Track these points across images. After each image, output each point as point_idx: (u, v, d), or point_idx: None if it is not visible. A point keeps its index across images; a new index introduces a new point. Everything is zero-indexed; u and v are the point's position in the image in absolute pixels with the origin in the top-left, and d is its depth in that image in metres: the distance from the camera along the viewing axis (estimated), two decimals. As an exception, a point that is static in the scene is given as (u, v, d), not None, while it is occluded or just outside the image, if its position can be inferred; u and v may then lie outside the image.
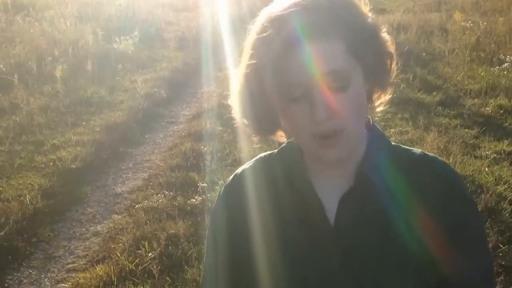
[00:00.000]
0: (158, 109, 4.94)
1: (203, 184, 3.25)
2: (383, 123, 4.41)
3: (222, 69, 5.87)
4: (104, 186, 3.48)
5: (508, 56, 5.91)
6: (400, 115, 4.72)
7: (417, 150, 0.81)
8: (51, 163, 3.58)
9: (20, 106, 4.58)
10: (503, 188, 3.26)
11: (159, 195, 3.14)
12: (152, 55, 6.54)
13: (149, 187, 3.36)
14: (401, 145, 0.82)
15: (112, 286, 2.36)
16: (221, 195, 0.84)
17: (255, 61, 0.69)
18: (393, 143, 0.81)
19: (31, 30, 6.81)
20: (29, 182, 3.31)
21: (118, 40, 6.31)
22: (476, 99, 5.14)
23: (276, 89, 0.68)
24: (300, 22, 0.65)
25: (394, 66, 0.75)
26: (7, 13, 7.72)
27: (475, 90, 5.36)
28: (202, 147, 3.85)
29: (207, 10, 8.86)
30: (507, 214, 2.97)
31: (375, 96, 0.77)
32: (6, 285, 2.51)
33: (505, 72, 5.66)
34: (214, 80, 5.86)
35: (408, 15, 9.24)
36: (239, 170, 0.84)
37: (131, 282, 2.39)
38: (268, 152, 0.84)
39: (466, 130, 4.40)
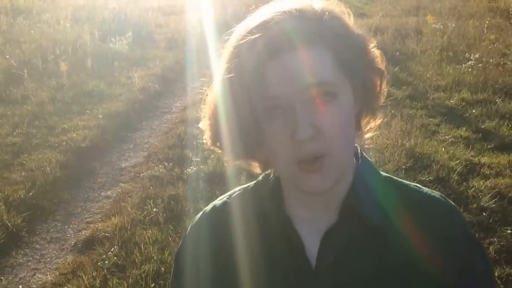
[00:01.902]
0: (152, 101, 5.62)
1: (196, 159, 3.92)
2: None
3: (209, 67, 6.58)
4: (110, 162, 4.14)
5: (472, 55, 6.72)
6: (371, 106, 5.46)
7: (410, 183, 0.76)
8: (64, 143, 4.23)
9: (30, 97, 5.22)
10: (455, 163, 3.99)
11: (159, 166, 3.81)
12: (145, 55, 7.22)
13: (149, 162, 4.03)
14: (393, 176, 0.76)
15: (126, 231, 3.01)
16: (187, 237, 0.79)
17: (233, 73, 0.63)
18: (384, 174, 0.76)
19: (32, 31, 7.45)
20: (47, 157, 3.96)
21: (113, 40, 6.99)
22: (442, 93, 5.90)
23: (255, 102, 0.62)
24: (285, 28, 0.61)
25: (384, 86, 0.70)
26: (7, 16, 8.34)
27: (442, 85, 6.13)
28: (195, 130, 4.53)
29: (194, 14, 9.58)
30: (454, 182, 3.69)
31: (363, 121, 0.72)
32: (37, 232, 3.15)
33: (470, 70, 6.46)
34: (202, 76, 6.55)
35: (386, 19, 10.07)
36: (208, 207, 0.79)
37: (142, 227, 3.05)
38: (243, 186, 0.79)
39: (430, 119, 5.14)
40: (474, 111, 5.19)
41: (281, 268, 0.69)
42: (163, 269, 2.62)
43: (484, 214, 3.20)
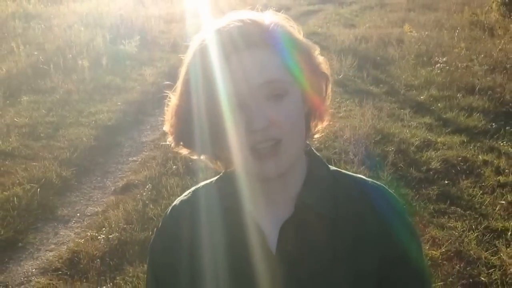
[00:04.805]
0: (162, 94, 6.67)
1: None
2: (336, 104, 6.25)
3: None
4: (132, 137, 5.21)
5: (443, 59, 7.94)
6: (351, 100, 6.58)
7: (356, 175, 0.88)
8: (93, 122, 5.30)
9: (57, 88, 6.29)
10: (415, 140, 5.11)
11: (176, 138, 4.89)
12: (152, 56, 8.33)
13: (165, 137, 5.06)
14: (340, 169, 0.87)
15: (154, 179, 4.06)
16: (159, 229, 0.90)
17: (191, 76, 0.74)
18: (332, 168, 0.86)
19: (47, 34, 8.55)
20: (81, 131, 5.01)
21: (124, 42, 8.10)
22: (414, 91, 7.08)
23: (213, 101, 0.72)
24: (237, 33, 0.72)
25: (329, 91, 0.81)
26: (21, 21, 9.46)
27: (415, 84, 7.30)
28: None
29: (193, 22, 10.77)
30: (411, 152, 4.81)
31: (312, 123, 0.83)
32: (83, 183, 4.20)
33: (439, 72, 7.65)
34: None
35: (372, 29, 11.32)
36: (176, 201, 0.90)
37: (166, 178, 4.10)
38: (205, 182, 0.90)
39: (401, 110, 6.28)
40: (439, 104, 6.34)
41: (245, 256, 0.78)
42: (186, 201, 3.68)
43: (430, 173, 4.31)
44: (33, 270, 3.12)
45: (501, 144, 4.83)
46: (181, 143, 0.82)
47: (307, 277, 0.77)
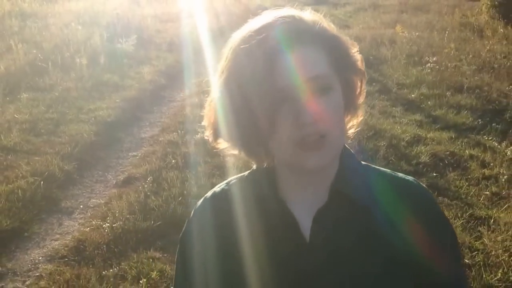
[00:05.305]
0: (159, 92, 6.86)
1: (202, 129, 5.15)
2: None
3: (206, 66, 7.90)
4: (132, 133, 5.36)
5: (431, 58, 8.17)
6: (345, 97, 6.77)
7: (386, 169, 0.91)
8: (93, 118, 5.44)
9: (56, 85, 6.42)
10: (405, 135, 5.31)
11: (173, 133, 5.04)
12: (148, 55, 8.48)
13: (164, 133, 5.25)
14: (370, 164, 0.91)
15: (154, 172, 4.21)
16: (192, 219, 0.92)
17: (238, 71, 0.75)
18: (363, 162, 0.90)
19: (43, 33, 8.66)
20: (82, 127, 5.15)
21: (121, 41, 8.24)
22: (405, 90, 7.29)
23: (259, 96, 0.73)
24: (283, 30, 0.74)
25: (364, 87, 0.84)
26: (17, 19, 9.56)
27: (406, 83, 7.51)
28: (199, 111, 5.76)
29: (189, 22, 10.91)
30: (402, 147, 5.00)
31: (346, 118, 0.84)
32: (85, 176, 4.35)
33: (430, 71, 7.87)
34: (200, 74, 7.84)
35: (365, 30, 11.54)
36: (208, 193, 0.93)
37: (166, 171, 4.25)
38: (239, 175, 0.92)
39: (393, 107, 6.49)
40: (429, 102, 6.56)
41: (279, 245, 0.81)
42: (185, 192, 3.84)
43: (420, 166, 4.51)
44: (40, 258, 3.26)
45: (487, 139, 5.05)
46: (220, 137, 0.84)
47: (340, 263, 0.79)
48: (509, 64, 7.87)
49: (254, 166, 0.89)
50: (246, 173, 0.91)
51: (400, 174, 0.89)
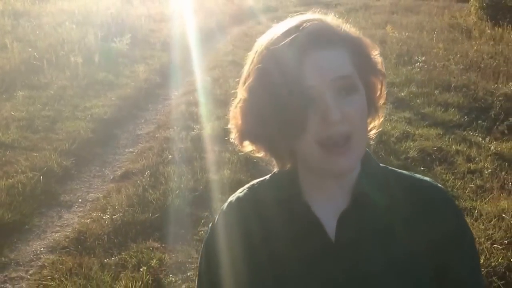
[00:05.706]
0: (154, 90, 6.97)
1: (197, 126, 5.29)
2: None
3: (199, 66, 8.03)
4: (128, 130, 5.48)
5: (420, 58, 8.38)
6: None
7: (404, 171, 0.92)
8: (89, 116, 5.55)
9: (51, 84, 6.50)
10: (395, 132, 5.48)
11: (169, 130, 5.16)
12: (143, 54, 8.59)
13: (160, 130, 5.37)
14: (388, 166, 0.92)
15: (151, 167, 4.33)
16: (217, 224, 0.93)
17: (266, 72, 0.77)
18: (381, 164, 0.92)
19: (37, 32, 8.73)
20: (78, 124, 5.25)
21: (115, 40, 8.34)
22: (395, 88, 7.47)
23: (289, 96, 0.75)
24: (312, 31, 0.77)
25: (384, 89, 0.87)
26: (10, 18, 9.61)
27: (396, 82, 7.70)
28: (194, 108, 5.91)
29: (182, 22, 11.03)
30: (391, 143, 5.17)
31: (369, 120, 0.86)
32: (82, 172, 4.45)
33: (419, 70, 8.07)
34: (193, 73, 7.98)
35: (356, 30, 11.74)
36: (232, 198, 0.94)
37: (162, 166, 4.38)
38: (260, 179, 0.93)
39: (384, 106, 6.67)
40: (418, 100, 6.74)
41: (306, 246, 0.83)
42: (182, 185, 3.97)
43: (408, 161, 4.68)
44: (41, 249, 3.37)
45: (473, 135, 5.24)
46: (246, 140, 0.86)
47: (367, 265, 0.81)
48: (495, 64, 8.10)
49: (276, 170, 0.91)
50: (267, 177, 0.93)
51: (418, 176, 0.92)
